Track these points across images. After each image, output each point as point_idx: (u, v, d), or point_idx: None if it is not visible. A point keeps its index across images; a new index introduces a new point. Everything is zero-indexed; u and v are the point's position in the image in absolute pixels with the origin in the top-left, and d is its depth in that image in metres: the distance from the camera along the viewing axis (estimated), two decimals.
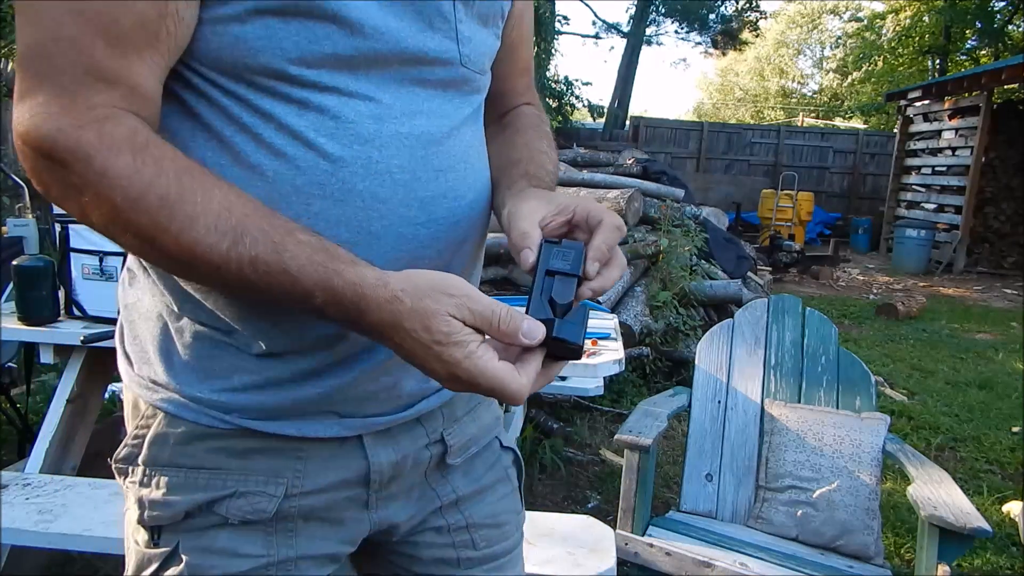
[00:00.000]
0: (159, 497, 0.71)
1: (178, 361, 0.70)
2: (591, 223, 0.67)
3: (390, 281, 0.57)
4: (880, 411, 2.22)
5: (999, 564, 2.60)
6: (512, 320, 0.58)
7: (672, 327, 4.40)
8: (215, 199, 0.56)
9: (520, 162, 0.80)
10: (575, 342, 0.60)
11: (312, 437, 0.72)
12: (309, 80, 0.63)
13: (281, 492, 0.71)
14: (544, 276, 0.63)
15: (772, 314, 2.42)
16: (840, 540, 2.02)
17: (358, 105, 0.65)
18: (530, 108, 0.92)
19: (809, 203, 11.34)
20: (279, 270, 0.56)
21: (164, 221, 0.55)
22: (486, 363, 0.56)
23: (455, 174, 0.72)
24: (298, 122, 0.63)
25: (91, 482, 1.88)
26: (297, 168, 0.63)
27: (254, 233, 0.56)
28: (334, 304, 0.57)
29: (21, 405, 2.66)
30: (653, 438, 2.00)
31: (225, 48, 0.61)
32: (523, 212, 0.68)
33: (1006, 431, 3.95)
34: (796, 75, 34.67)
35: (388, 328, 0.57)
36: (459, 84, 0.73)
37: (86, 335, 1.88)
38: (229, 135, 0.63)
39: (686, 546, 1.94)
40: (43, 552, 2.04)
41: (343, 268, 0.57)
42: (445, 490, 0.84)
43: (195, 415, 0.70)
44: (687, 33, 18.69)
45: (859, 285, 8.89)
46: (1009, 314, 7.46)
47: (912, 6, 19.18)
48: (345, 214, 0.65)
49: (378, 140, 0.66)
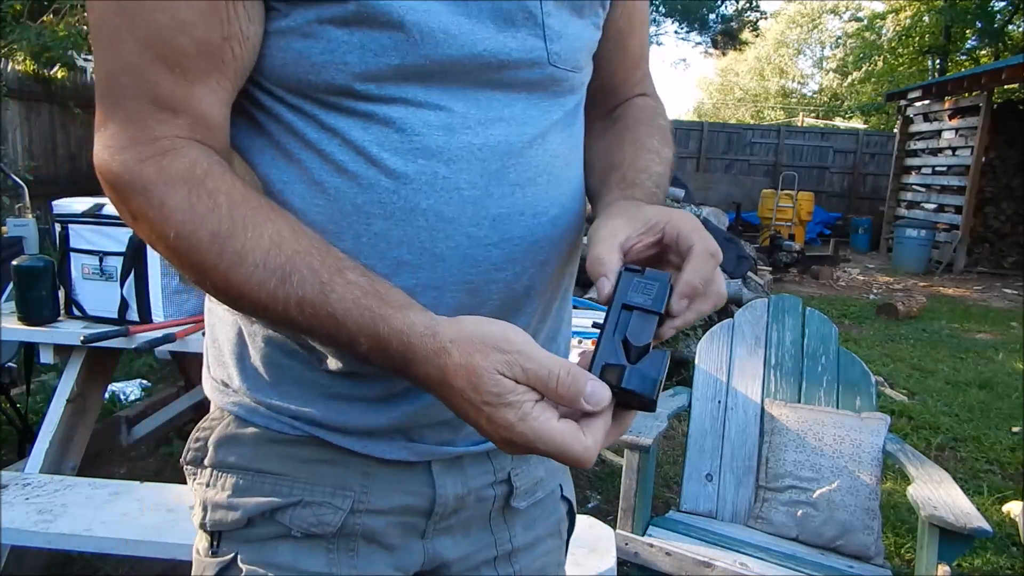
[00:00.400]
0: (223, 500, 0.69)
1: (250, 366, 0.69)
2: (681, 247, 0.58)
3: (440, 331, 0.53)
4: (880, 411, 2.22)
5: (999, 564, 2.60)
6: (574, 382, 0.51)
7: None
8: (266, 234, 0.54)
9: (619, 166, 0.72)
10: (648, 396, 0.51)
11: (379, 457, 0.69)
12: (375, 94, 0.59)
13: (348, 505, 0.68)
14: (620, 311, 0.55)
15: (772, 314, 2.42)
16: (840, 540, 2.02)
17: (427, 115, 0.60)
18: (644, 99, 0.83)
19: (809, 203, 11.34)
20: (324, 313, 0.54)
21: (213, 258, 0.54)
22: (542, 425, 0.50)
23: (536, 188, 0.65)
24: (362, 136, 0.60)
25: (91, 482, 1.87)
26: (359, 186, 0.60)
27: (303, 272, 0.54)
28: (380, 352, 0.54)
29: (21, 405, 2.66)
30: (653, 438, 2.00)
31: (289, 65, 0.58)
32: (602, 233, 0.60)
33: (1006, 431, 3.95)
34: (796, 75, 34.68)
35: (435, 383, 0.53)
36: (548, 85, 0.66)
37: (86, 335, 1.88)
38: (296, 151, 0.61)
39: (686, 546, 1.94)
40: (43, 552, 2.04)
41: (391, 314, 0.53)
42: (503, 536, 0.79)
43: (265, 420, 0.68)
44: (687, 33, 18.71)
45: (859, 285, 8.89)
46: (1009, 314, 7.46)
47: (912, 6, 19.18)
48: (407, 234, 0.61)
49: (446, 153, 0.61)
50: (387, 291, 0.55)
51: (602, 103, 0.81)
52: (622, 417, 0.54)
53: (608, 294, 0.56)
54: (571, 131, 0.71)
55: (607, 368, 0.52)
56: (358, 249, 0.61)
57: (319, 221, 0.61)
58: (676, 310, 0.56)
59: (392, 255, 0.61)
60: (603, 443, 0.52)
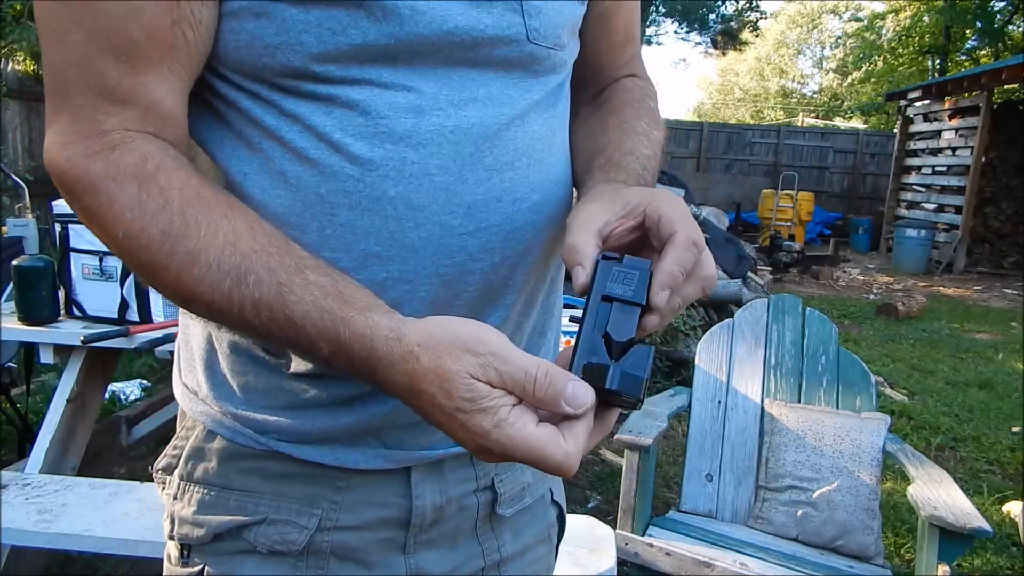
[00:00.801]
0: (189, 515, 0.66)
1: (219, 372, 0.65)
2: (662, 234, 0.54)
3: (406, 334, 0.49)
4: (880, 411, 2.22)
5: (999, 564, 2.60)
6: (552, 384, 0.47)
7: (672, 327, 4.40)
8: (221, 232, 0.51)
9: (604, 150, 0.67)
10: (634, 395, 0.48)
11: (352, 468, 0.65)
12: (336, 76, 0.55)
13: (314, 524, 0.64)
14: (599, 303, 0.51)
15: (772, 314, 2.42)
16: (840, 540, 2.02)
17: (393, 97, 0.56)
18: (632, 80, 0.78)
19: (809, 203, 11.34)
20: (282, 316, 0.51)
21: (164, 258, 0.51)
22: (519, 432, 0.47)
23: (514, 172, 0.61)
24: (324, 121, 0.56)
25: (91, 482, 1.87)
26: (322, 174, 0.56)
27: (259, 272, 0.51)
28: (342, 357, 0.51)
29: (21, 405, 2.66)
30: (653, 438, 2.00)
31: (242, 48, 0.55)
32: (578, 220, 0.56)
33: (1006, 431, 3.95)
34: (796, 75, 34.69)
35: (404, 390, 0.50)
36: (527, 63, 0.61)
37: (86, 335, 1.88)
38: (256, 141, 0.58)
39: (686, 546, 1.94)
40: (43, 552, 2.04)
41: (353, 317, 0.50)
42: (491, 546, 0.74)
43: (231, 432, 0.65)
44: (687, 33, 18.71)
45: (859, 285, 8.89)
46: (1009, 314, 7.47)
47: (912, 6, 19.18)
48: (374, 225, 0.57)
49: (415, 137, 0.57)
50: (351, 292, 0.52)
51: (588, 86, 0.76)
52: (605, 416, 0.51)
53: (584, 284, 0.52)
54: (554, 112, 0.66)
55: (589, 368, 0.49)
56: (323, 242, 0.58)
57: (282, 214, 0.57)
58: (656, 303, 0.51)
59: (359, 247, 0.58)
60: (586, 447, 0.49)
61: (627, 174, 0.64)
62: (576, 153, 0.70)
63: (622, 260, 0.52)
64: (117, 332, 1.91)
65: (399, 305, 0.58)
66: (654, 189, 0.59)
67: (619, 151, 0.66)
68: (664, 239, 0.53)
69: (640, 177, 0.65)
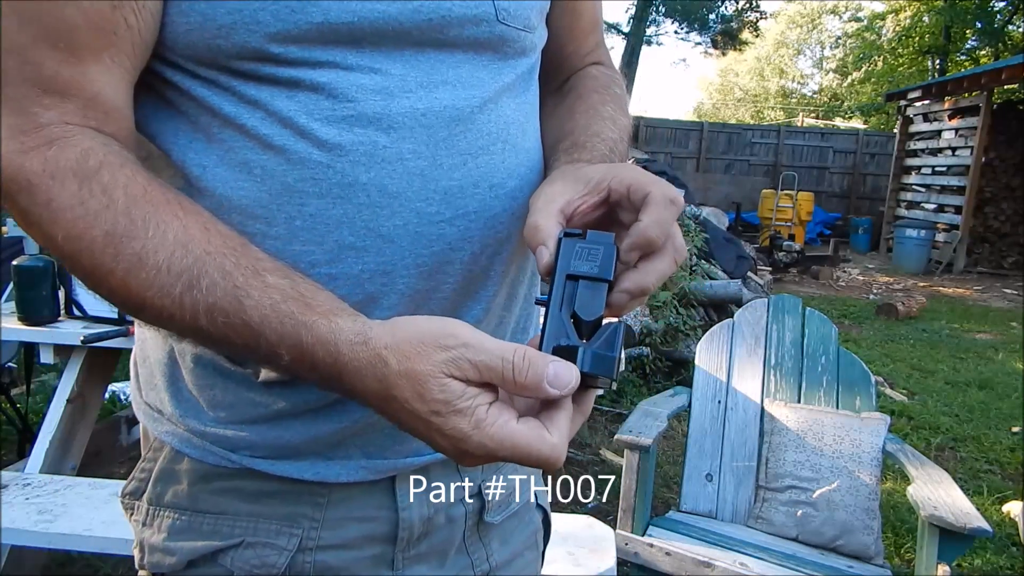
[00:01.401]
0: (159, 542, 0.62)
1: (184, 388, 0.61)
2: (634, 198, 0.51)
3: (372, 337, 0.46)
4: (880, 411, 2.22)
5: (999, 564, 2.60)
6: (532, 366, 0.44)
7: (672, 327, 4.40)
8: (171, 233, 0.48)
9: (571, 133, 0.65)
10: (607, 375, 0.46)
11: (332, 482, 0.61)
12: (298, 58, 0.52)
13: (294, 544, 0.60)
14: (564, 283, 0.49)
15: (772, 314, 2.42)
16: (840, 540, 2.02)
17: (361, 79, 0.53)
18: (598, 68, 0.76)
19: (809, 203, 11.34)
20: (239, 322, 0.47)
21: (109, 261, 0.47)
22: (500, 430, 0.45)
23: (490, 157, 0.58)
24: (288, 106, 0.53)
25: (91, 482, 1.88)
26: (288, 162, 0.53)
27: (213, 275, 0.47)
28: (305, 364, 0.47)
29: (21, 405, 2.66)
30: (653, 438, 2.00)
31: (194, 31, 0.51)
32: (539, 202, 0.53)
33: (1006, 431, 3.95)
34: (796, 75, 34.70)
35: (375, 397, 0.47)
36: (497, 45, 0.59)
37: (86, 335, 1.88)
38: (215, 131, 0.54)
39: (686, 546, 1.94)
40: (43, 552, 2.04)
41: (315, 321, 0.47)
42: (480, 556, 0.71)
43: (200, 452, 0.61)
44: (687, 33, 18.69)
45: (859, 285, 8.89)
46: (1009, 314, 7.47)
47: (912, 6, 19.19)
48: (347, 214, 0.54)
49: (386, 120, 0.54)
50: (313, 295, 0.49)
51: (554, 75, 0.74)
52: (582, 400, 0.49)
53: (548, 264, 0.50)
54: (526, 97, 0.64)
55: (558, 350, 0.46)
56: (293, 234, 0.54)
57: (246, 206, 0.54)
58: (629, 262, 0.50)
59: (332, 238, 0.54)
60: (569, 435, 0.47)
61: (592, 154, 0.62)
62: (544, 142, 0.68)
63: (584, 236, 0.50)
64: (117, 332, 1.91)
65: (377, 299, 0.57)
66: (616, 164, 0.57)
67: (584, 134, 0.65)
68: (639, 203, 0.51)
69: (606, 158, 0.63)
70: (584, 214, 0.53)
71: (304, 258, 0.55)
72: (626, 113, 0.71)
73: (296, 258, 0.54)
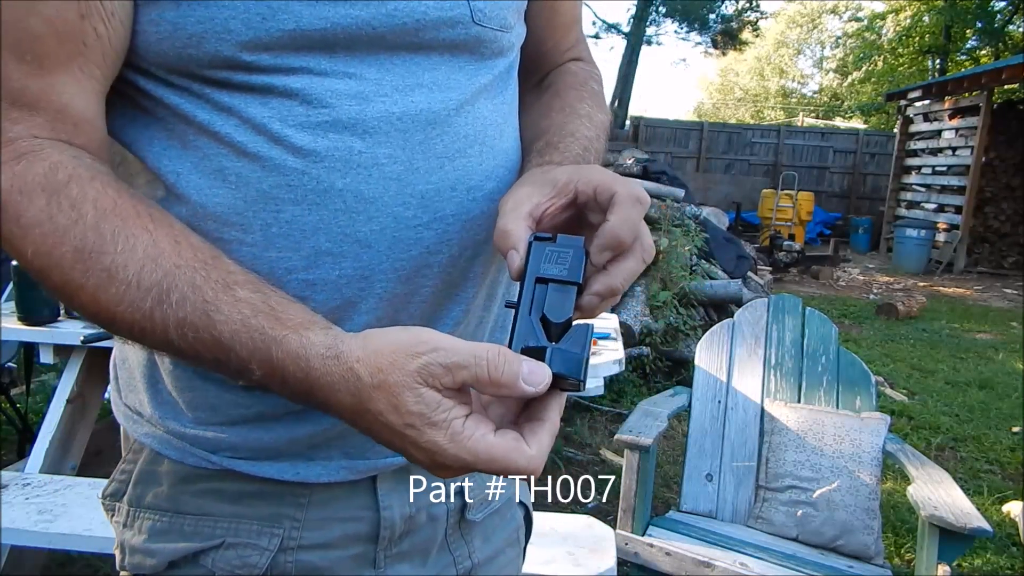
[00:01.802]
0: (139, 544, 0.62)
1: (163, 390, 0.61)
2: (600, 199, 0.52)
3: (344, 351, 0.46)
4: (880, 411, 2.22)
5: (999, 564, 2.60)
6: (507, 363, 0.44)
7: (672, 327, 4.40)
8: (140, 247, 0.47)
9: (545, 132, 0.65)
10: (574, 377, 0.47)
11: (314, 482, 0.61)
12: (270, 65, 0.52)
13: (275, 545, 0.61)
14: (534, 286, 0.49)
15: (772, 314, 2.42)
16: (840, 540, 2.02)
17: (335, 84, 0.53)
18: (576, 64, 0.76)
19: (809, 203, 11.34)
20: (209, 336, 0.47)
21: (79, 277, 0.47)
22: (478, 443, 0.44)
23: (467, 160, 0.58)
24: (262, 113, 0.52)
25: (91, 482, 1.88)
26: (263, 168, 0.53)
27: (183, 289, 0.47)
28: (276, 379, 0.47)
29: (21, 405, 2.66)
30: (653, 438, 2.00)
31: (165, 40, 0.50)
32: (508, 205, 0.53)
33: (1006, 431, 3.95)
34: (796, 75, 34.70)
35: (349, 411, 0.46)
36: (473, 47, 0.59)
37: (86, 335, 1.89)
38: (192, 138, 0.54)
39: (686, 546, 1.94)
40: (43, 552, 2.04)
41: (285, 335, 0.46)
42: (462, 553, 0.72)
43: (179, 454, 0.61)
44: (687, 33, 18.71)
45: (859, 285, 8.89)
46: (1009, 314, 7.47)
47: (912, 6, 19.19)
48: (323, 220, 0.54)
49: (361, 125, 0.54)
50: (284, 309, 0.48)
51: (533, 72, 0.73)
52: (550, 406, 0.49)
53: (519, 268, 0.50)
54: (504, 98, 0.64)
55: (526, 351, 0.47)
56: (269, 241, 0.54)
57: (221, 213, 0.54)
58: (598, 263, 0.50)
59: (309, 245, 0.54)
60: (548, 445, 0.47)
61: (563, 155, 0.62)
62: (522, 141, 0.68)
63: (554, 240, 0.51)
64: None
65: (356, 304, 0.57)
66: (583, 165, 0.57)
67: (559, 134, 0.64)
68: (605, 204, 0.51)
69: (579, 158, 0.63)
70: (553, 216, 0.53)
71: (281, 264, 0.54)
72: (604, 109, 0.71)
73: (273, 265, 0.54)
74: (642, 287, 4.49)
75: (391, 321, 0.58)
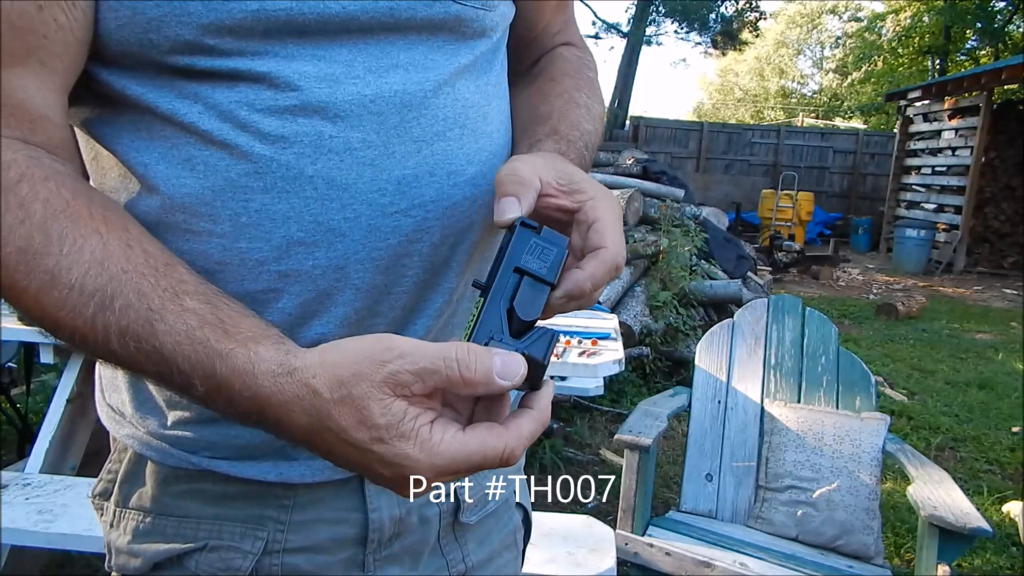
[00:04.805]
0: (124, 544, 0.61)
1: (144, 388, 0.60)
2: (591, 237, 0.51)
3: (298, 367, 0.43)
4: (880, 411, 2.22)
5: (999, 564, 2.60)
6: (478, 359, 0.43)
7: (672, 327, 4.40)
8: (87, 249, 0.45)
9: (549, 117, 0.63)
10: (534, 388, 0.46)
11: (298, 483, 0.59)
12: (235, 48, 0.50)
13: (259, 548, 0.59)
14: (510, 274, 0.47)
15: (772, 314, 2.42)
16: (840, 540, 2.02)
17: (303, 66, 0.51)
18: (569, 49, 0.74)
19: (809, 203, 11.35)
20: (150, 347, 0.44)
21: (22, 279, 0.45)
22: (449, 446, 0.42)
23: (446, 143, 0.56)
24: (228, 98, 0.50)
25: (91, 482, 1.86)
26: (230, 156, 0.51)
27: (128, 296, 0.44)
28: (222, 398, 0.44)
29: (21, 405, 2.66)
30: (653, 438, 2.00)
31: (125, 26, 0.48)
32: (528, 160, 0.52)
33: (1006, 431, 3.95)
34: (796, 75, 34.70)
35: (304, 432, 0.43)
36: (453, 26, 0.56)
37: None
38: (158, 128, 0.52)
39: (686, 546, 1.94)
40: (43, 552, 2.04)
41: (231, 350, 0.44)
42: (456, 556, 0.70)
43: (160, 455, 0.59)
44: (687, 33, 18.69)
45: (859, 285, 8.89)
46: (1009, 314, 7.47)
47: (912, 6, 19.20)
48: (294, 208, 0.52)
49: (332, 108, 0.51)
50: (235, 322, 0.45)
51: (522, 55, 0.71)
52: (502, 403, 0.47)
53: (510, 220, 0.49)
54: (488, 78, 0.61)
55: (491, 345, 0.45)
56: (238, 231, 0.52)
57: (189, 204, 0.52)
58: (556, 296, 0.49)
59: (280, 234, 0.52)
60: (529, 432, 0.45)
61: (575, 152, 0.61)
62: (513, 123, 0.66)
63: (540, 232, 0.49)
64: None
65: (332, 295, 0.55)
66: (600, 186, 0.55)
67: (564, 122, 0.63)
68: (589, 248, 0.50)
69: (582, 157, 0.62)
70: (545, 205, 0.52)
71: (252, 256, 0.53)
72: (599, 99, 0.70)
73: (243, 256, 0.53)
74: (642, 287, 4.49)
75: (370, 313, 0.57)
